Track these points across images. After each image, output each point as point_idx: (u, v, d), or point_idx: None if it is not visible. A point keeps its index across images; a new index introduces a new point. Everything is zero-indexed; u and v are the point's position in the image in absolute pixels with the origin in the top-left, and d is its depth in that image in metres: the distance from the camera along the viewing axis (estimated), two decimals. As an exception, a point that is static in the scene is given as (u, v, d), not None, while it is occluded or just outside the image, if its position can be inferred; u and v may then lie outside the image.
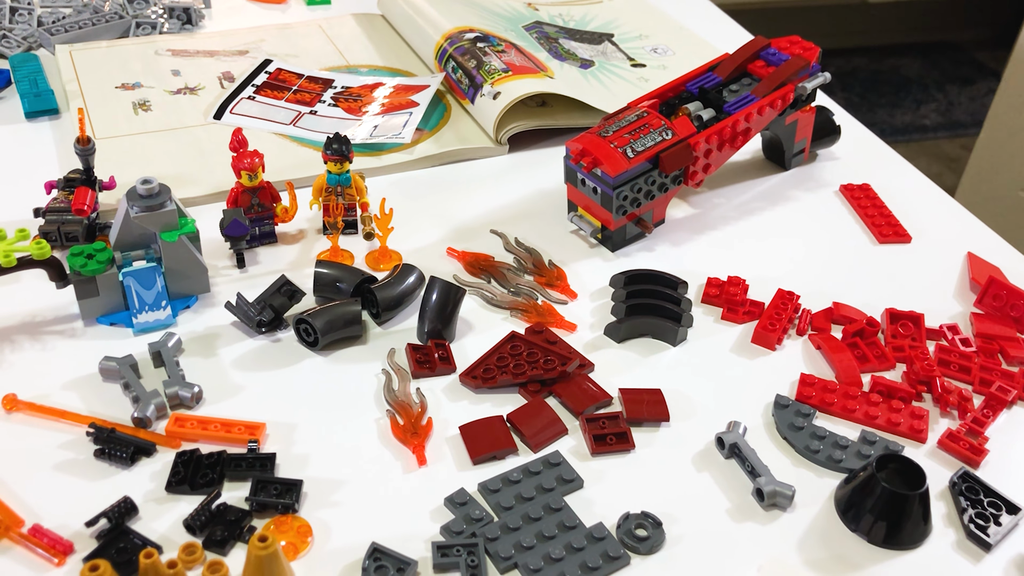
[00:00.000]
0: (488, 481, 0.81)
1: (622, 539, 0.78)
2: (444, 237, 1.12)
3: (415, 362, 0.93)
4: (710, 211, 1.18)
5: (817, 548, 0.78)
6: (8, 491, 0.79)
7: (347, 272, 1.00)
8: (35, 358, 0.92)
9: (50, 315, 0.97)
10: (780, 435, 0.88)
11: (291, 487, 0.79)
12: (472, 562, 0.75)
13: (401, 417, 0.87)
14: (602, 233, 1.10)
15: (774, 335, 0.97)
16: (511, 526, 0.78)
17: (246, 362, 0.93)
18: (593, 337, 0.98)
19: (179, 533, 0.77)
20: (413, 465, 0.84)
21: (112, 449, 0.81)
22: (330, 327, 0.94)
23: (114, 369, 0.89)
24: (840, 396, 0.91)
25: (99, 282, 0.93)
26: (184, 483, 0.79)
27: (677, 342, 0.97)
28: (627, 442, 0.86)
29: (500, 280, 1.05)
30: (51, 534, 0.75)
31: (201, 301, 1.00)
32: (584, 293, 1.04)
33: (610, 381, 0.93)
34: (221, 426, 0.84)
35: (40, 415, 0.86)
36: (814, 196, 1.22)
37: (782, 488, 0.81)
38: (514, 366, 0.92)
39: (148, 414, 0.84)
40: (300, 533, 0.76)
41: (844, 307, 1.02)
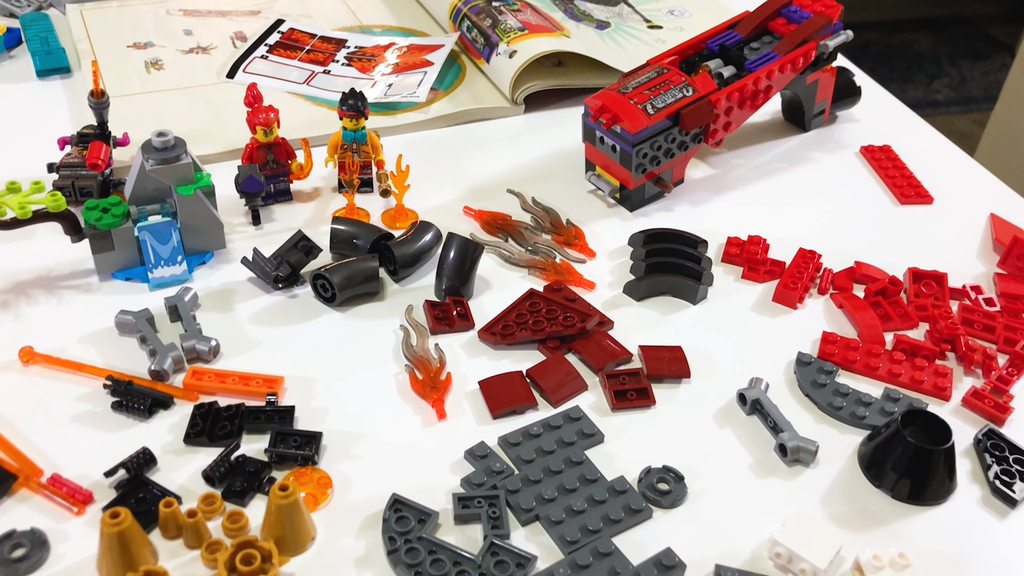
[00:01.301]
0: (508, 435, 0.81)
1: (644, 493, 0.77)
2: (460, 196, 1.10)
3: (433, 318, 0.92)
4: (729, 171, 1.17)
5: (840, 503, 0.78)
6: (26, 442, 0.78)
7: (364, 229, 0.99)
8: (51, 312, 0.91)
9: (65, 270, 0.96)
10: (802, 392, 0.87)
11: (311, 439, 0.78)
12: (493, 513, 0.74)
13: (420, 372, 0.86)
14: (620, 192, 1.08)
15: (795, 293, 0.96)
16: (532, 479, 0.77)
17: (263, 317, 0.92)
18: (612, 295, 0.97)
19: (198, 484, 0.76)
20: (433, 419, 0.83)
21: (130, 401, 0.81)
22: (348, 283, 0.93)
23: (130, 323, 0.88)
24: (863, 354, 0.90)
25: (114, 236, 0.92)
26: (202, 435, 0.79)
27: (697, 300, 0.96)
28: (647, 398, 0.85)
29: (517, 239, 1.04)
30: (70, 484, 0.74)
31: (217, 257, 0.99)
32: (602, 252, 1.03)
33: (629, 339, 0.92)
34: (239, 379, 0.84)
35: (57, 368, 0.85)
36: (834, 157, 1.21)
37: (805, 443, 0.80)
38: (533, 323, 0.92)
39: (165, 367, 0.84)
40: (320, 485, 0.76)
41: (866, 266, 1.01)
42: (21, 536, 0.70)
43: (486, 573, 0.70)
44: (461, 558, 0.70)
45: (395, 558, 0.70)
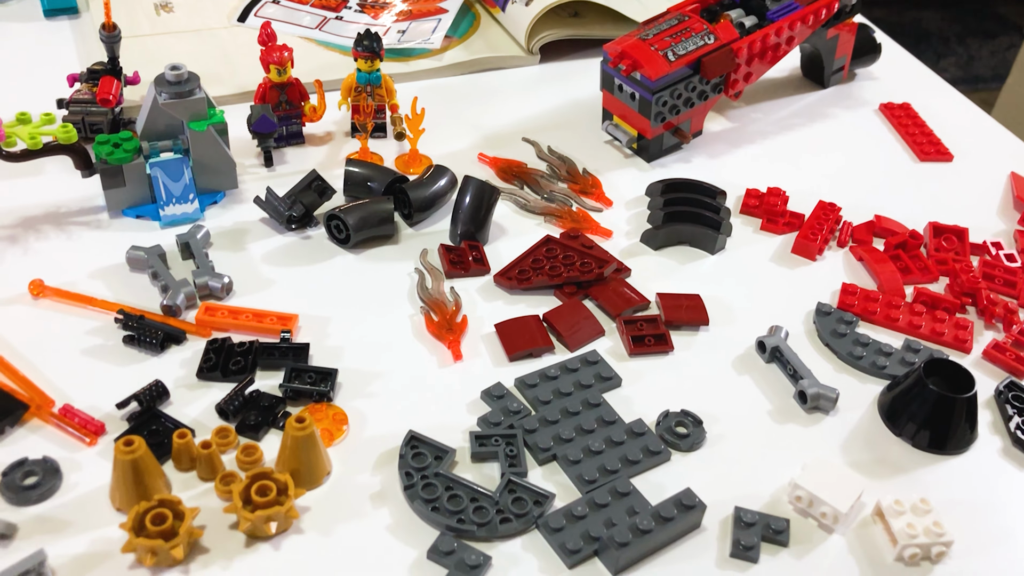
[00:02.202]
0: (525, 376, 0.80)
1: (662, 436, 0.76)
2: (474, 144, 1.09)
3: (448, 262, 0.91)
4: (748, 125, 1.15)
5: (860, 451, 0.77)
6: (37, 373, 0.77)
7: (378, 171, 0.97)
8: (60, 247, 0.90)
9: (75, 206, 0.95)
10: (822, 342, 0.86)
11: (326, 376, 0.77)
12: (511, 452, 0.73)
13: (435, 314, 0.85)
14: (638, 143, 1.07)
15: (815, 245, 0.95)
16: (549, 419, 0.76)
17: (276, 257, 0.91)
18: (629, 244, 0.96)
19: (211, 418, 0.75)
20: (448, 360, 0.82)
21: (141, 335, 0.79)
22: (363, 224, 0.91)
23: (142, 259, 0.87)
24: (883, 305, 0.89)
25: (126, 172, 0.91)
26: (215, 370, 0.78)
27: (716, 250, 0.95)
28: (666, 344, 0.84)
29: (533, 186, 1.02)
30: (82, 414, 0.73)
31: (228, 197, 0.97)
32: (619, 202, 1.02)
33: (647, 287, 0.90)
34: (253, 316, 0.82)
35: (67, 301, 0.84)
36: (853, 114, 1.19)
37: (825, 391, 0.79)
38: (550, 268, 0.90)
39: (178, 302, 0.82)
40: (336, 421, 0.75)
41: (886, 220, 0.99)
42: (33, 464, 0.69)
43: (504, 509, 0.69)
44: (478, 494, 0.70)
45: (412, 493, 0.69)
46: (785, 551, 0.69)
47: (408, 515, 0.69)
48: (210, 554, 0.66)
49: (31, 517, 0.67)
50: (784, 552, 0.69)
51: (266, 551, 0.66)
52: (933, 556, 0.68)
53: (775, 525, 0.69)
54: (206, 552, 0.66)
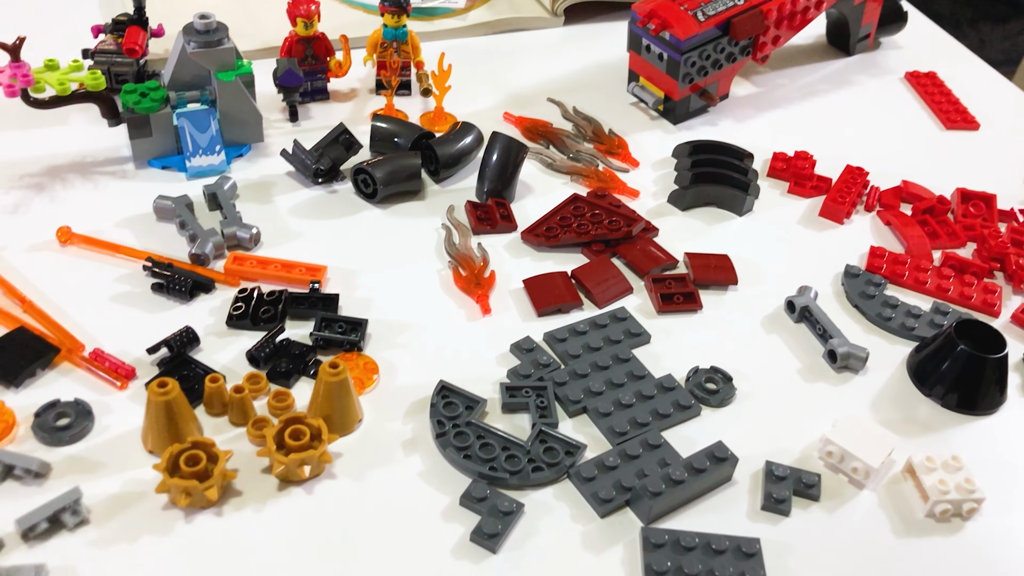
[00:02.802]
0: (555, 331, 0.80)
1: (692, 391, 0.76)
2: (499, 103, 1.08)
3: (475, 219, 0.91)
4: (773, 91, 1.15)
5: (890, 410, 0.77)
6: (66, 318, 0.77)
7: (405, 127, 0.97)
8: (87, 196, 0.89)
9: (100, 156, 0.94)
10: (851, 303, 0.86)
11: (356, 325, 0.77)
12: (541, 403, 0.73)
13: (463, 269, 0.85)
14: (664, 104, 1.06)
15: (843, 208, 0.94)
16: (579, 372, 0.76)
17: (303, 210, 0.91)
18: (656, 205, 0.96)
19: (241, 366, 0.75)
20: (477, 314, 0.82)
21: (171, 283, 0.79)
22: (391, 178, 0.91)
23: (169, 208, 0.86)
24: (911, 269, 0.89)
25: (152, 122, 0.90)
26: (245, 318, 0.77)
27: (743, 212, 0.95)
28: (694, 302, 0.84)
29: (559, 146, 1.02)
30: (112, 359, 0.73)
31: (254, 151, 0.97)
32: (645, 163, 1.01)
33: (674, 247, 0.90)
34: (282, 267, 0.82)
35: (95, 249, 0.83)
36: (879, 81, 1.18)
37: (856, 350, 0.79)
38: (577, 226, 0.90)
39: (207, 251, 0.82)
40: (367, 370, 0.75)
41: (913, 185, 0.99)
42: (65, 406, 0.69)
43: (535, 459, 0.69)
44: (510, 443, 0.69)
45: (444, 441, 0.69)
46: (816, 505, 0.69)
47: (440, 463, 0.69)
48: (243, 497, 0.66)
49: (64, 457, 0.67)
50: (815, 506, 0.69)
51: (299, 495, 0.66)
52: (964, 513, 0.68)
53: (806, 479, 0.69)
54: (239, 495, 0.66)
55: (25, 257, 0.82)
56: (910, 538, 0.67)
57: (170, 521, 0.64)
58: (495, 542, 0.64)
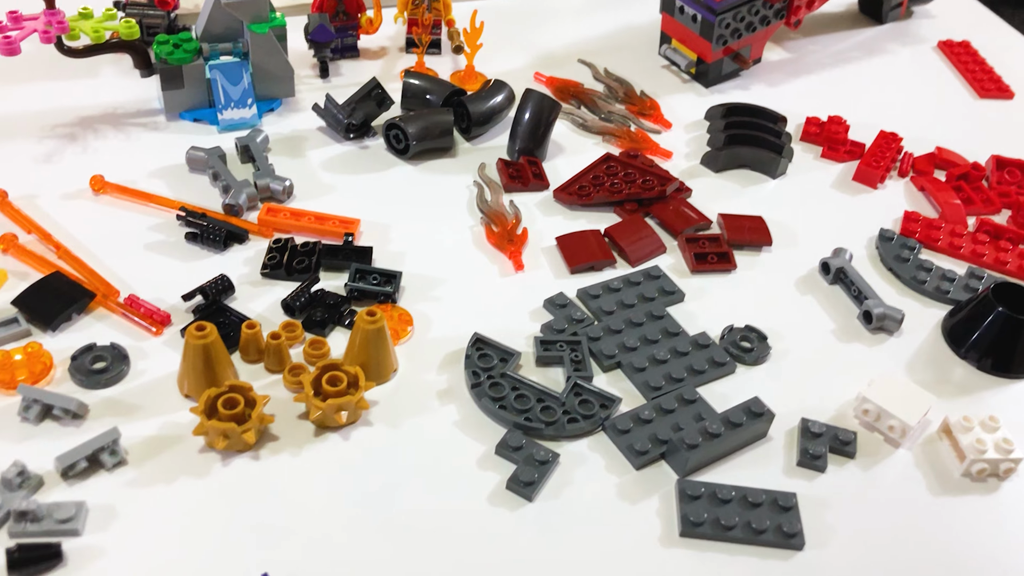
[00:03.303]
0: (588, 287, 0.79)
1: (726, 349, 0.76)
2: (530, 64, 1.07)
3: (507, 176, 0.90)
4: (805, 56, 1.14)
5: (924, 371, 0.76)
6: (101, 265, 0.77)
7: (437, 84, 0.96)
8: (119, 147, 0.89)
9: (131, 108, 0.94)
10: (885, 267, 0.85)
11: (391, 277, 0.77)
12: (575, 357, 0.73)
13: (496, 225, 0.85)
14: (696, 67, 1.05)
15: (877, 172, 0.94)
16: (613, 328, 0.76)
17: (335, 164, 0.90)
18: (689, 166, 0.95)
19: (276, 314, 0.75)
20: (509, 270, 0.81)
21: (205, 233, 0.79)
22: (423, 134, 0.90)
23: (202, 159, 0.86)
24: (945, 234, 0.88)
25: (185, 73, 0.90)
26: (279, 268, 0.77)
27: (777, 174, 0.94)
28: (728, 262, 0.83)
29: (590, 107, 1.01)
30: (147, 304, 0.73)
31: (284, 106, 0.96)
32: (678, 125, 1.00)
33: (708, 207, 0.89)
34: (315, 219, 0.82)
35: (128, 198, 0.83)
36: (911, 50, 1.17)
37: (891, 311, 0.78)
38: (611, 185, 0.89)
39: (240, 202, 0.82)
40: (401, 321, 0.74)
41: (948, 152, 0.98)
42: (101, 350, 0.69)
43: (570, 411, 0.69)
44: (545, 395, 0.69)
45: (479, 391, 0.69)
46: (852, 463, 0.69)
47: (475, 413, 0.69)
48: (279, 442, 0.66)
49: (101, 400, 0.67)
50: (851, 464, 0.68)
51: (336, 441, 0.66)
52: (1001, 472, 0.68)
53: (842, 436, 0.69)
54: (275, 440, 0.66)
55: (59, 205, 0.82)
56: (946, 496, 0.67)
57: (207, 464, 0.64)
58: (531, 490, 0.64)
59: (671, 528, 0.63)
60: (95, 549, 0.58)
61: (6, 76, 0.96)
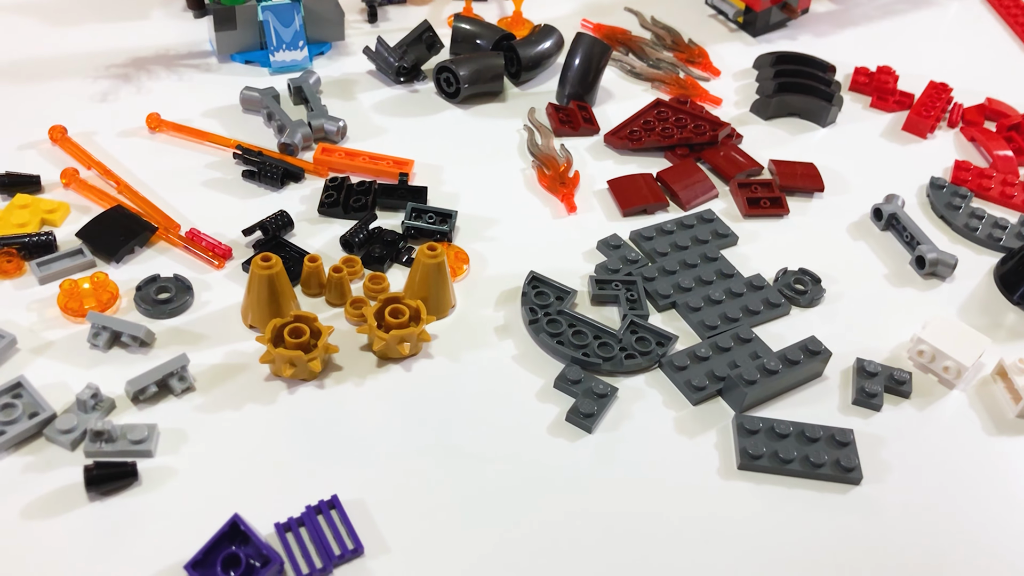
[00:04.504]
0: (642, 229, 0.80)
1: (781, 291, 0.76)
2: (576, 10, 1.07)
3: (558, 121, 0.90)
4: (853, 8, 1.13)
5: (977, 317, 0.76)
6: (161, 200, 0.78)
7: (487, 28, 0.96)
8: (172, 87, 0.90)
9: (183, 50, 0.94)
10: (936, 214, 0.85)
11: (446, 216, 0.77)
12: (631, 296, 0.73)
13: (547, 168, 0.85)
14: (744, 16, 1.05)
15: (928, 122, 0.93)
16: (668, 269, 0.76)
17: (386, 107, 0.90)
18: (739, 113, 0.95)
19: (335, 250, 0.76)
20: (562, 212, 0.82)
21: (262, 170, 0.80)
22: (475, 78, 0.90)
23: (256, 99, 0.86)
24: (997, 183, 0.88)
25: (238, 14, 0.90)
26: (336, 206, 0.78)
27: (827, 123, 0.94)
28: (781, 207, 0.84)
29: (638, 54, 1.01)
30: (209, 238, 0.74)
31: (335, 49, 0.97)
32: (726, 73, 1.00)
33: (759, 154, 0.89)
34: (369, 159, 0.82)
35: (184, 136, 0.84)
36: (960, 2, 1.16)
37: (945, 256, 0.78)
38: (662, 130, 0.89)
39: (296, 141, 0.82)
40: (458, 259, 0.75)
41: (998, 103, 0.97)
42: (165, 281, 0.70)
43: (627, 347, 0.69)
44: (602, 332, 0.70)
45: (537, 327, 0.70)
46: (907, 403, 0.69)
47: (532, 349, 0.70)
48: (343, 371, 0.67)
49: (167, 329, 0.68)
50: (906, 403, 0.69)
51: (398, 372, 0.67)
52: (1055, 414, 0.69)
53: (898, 376, 0.69)
54: (339, 370, 0.67)
55: (117, 142, 0.83)
56: (1001, 436, 0.67)
57: (273, 391, 0.65)
58: (591, 422, 0.65)
59: (729, 461, 0.64)
60: (167, 469, 0.60)
61: (58, 17, 0.97)
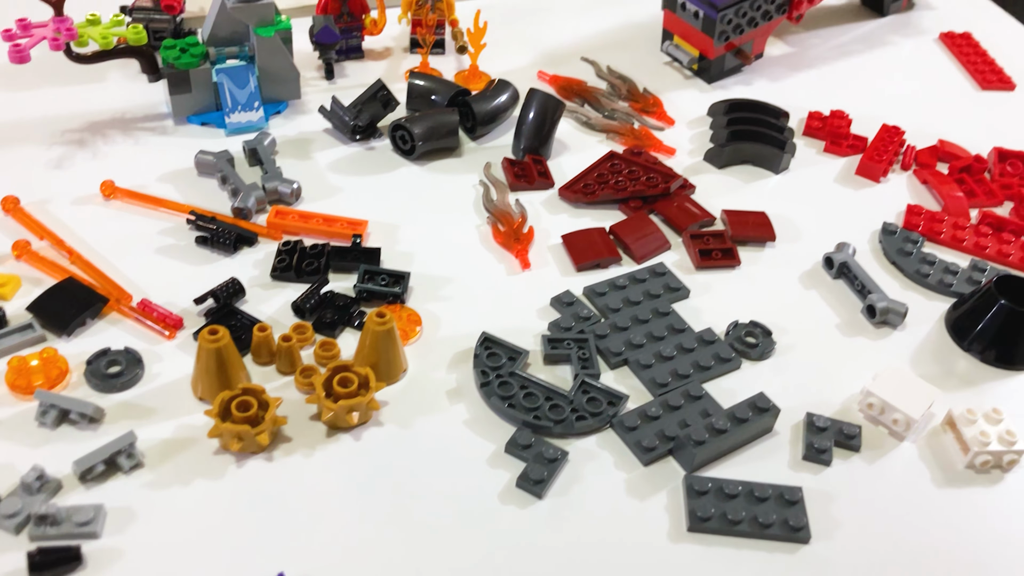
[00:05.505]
0: (594, 285, 0.80)
1: (732, 345, 0.76)
2: (533, 62, 1.08)
3: (513, 175, 0.91)
4: (807, 51, 1.14)
5: (928, 365, 0.77)
6: (113, 270, 0.78)
7: (442, 84, 0.97)
8: (128, 152, 0.90)
9: (139, 113, 0.95)
10: (888, 260, 0.86)
11: (399, 278, 0.78)
12: (583, 355, 0.74)
13: (502, 224, 0.85)
14: (699, 63, 1.06)
15: (880, 166, 0.94)
16: (620, 325, 0.76)
17: (342, 166, 0.91)
18: (692, 163, 0.96)
19: (287, 316, 0.76)
20: (516, 268, 0.82)
21: (215, 236, 0.80)
22: (429, 135, 0.91)
23: (211, 162, 0.87)
24: (948, 226, 0.89)
25: (192, 77, 0.91)
26: (289, 271, 0.78)
27: (780, 169, 0.95)
28: (733, 258, 0.84)
29: (594, 104, 1.02)
30: (160, 309, 0.74)
31: (291, 108, 0.97)
32: (680, 122, 1.01)
33: (711, 203, 0.90)
34: (323, 220, 0.83)
35: (138, 202, 0.84)
36: (913, 42, 1.18)
37: (895, 305, 0.79)
38: (615, 183, 0.90)
39: (249, 205, 0.83)
40: (410, 321, 0.75)
41: (950, 144, 0.99)
42: (116, 354, 0.70)
43: (578, 408, 0.70)
44: (553, 393, 0.70)
45: (488, 390, 0.70)
46: (857, 456, 0.69)
47: (484, 412, 0.70)
48: (292, 443, 0.67)
49: (116, 403, 0.68)
50: (856, 457, 0.69)
51: (347, 441, 0.67)
52: (1004, 464, 0.69)
53: (847, 430, 0.70)
54: (288, 441, 0.67)
55: (70, 210, 0.83)
56: (950, 488, 0.68)
57: (222, 465, 0.65)
58: (541, 488, 0.65)
59: (679, 523, 0.64)
60: (114, 551, 0.59)
61: (16, 82, 0.97)
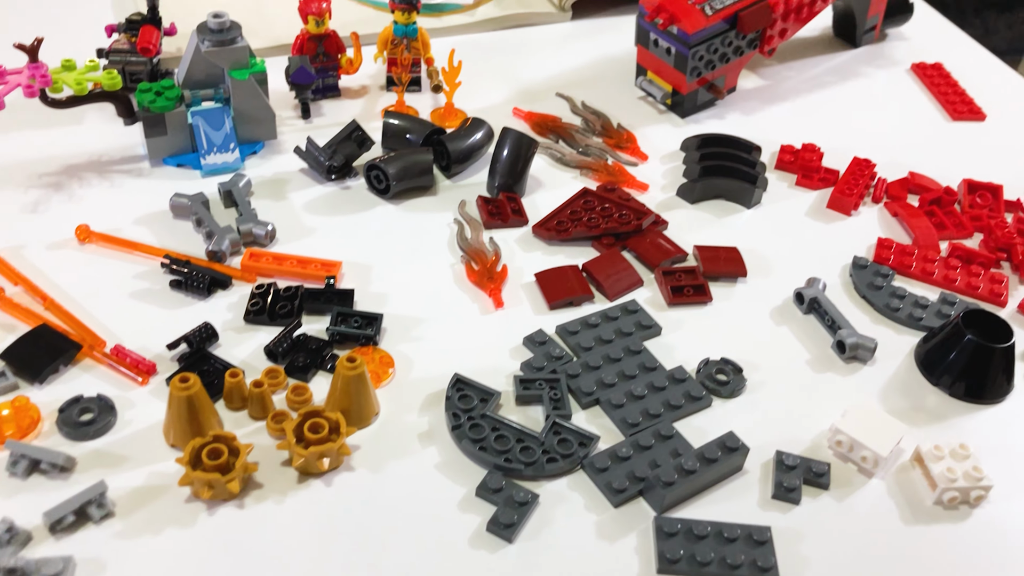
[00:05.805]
0: (567, 324, 0.81)
1: (703, 382, 0.77)
2: (508, 99, 1.09)
3: (487, 213, 0.92)
4: (780, 83, 1.15)
5: (898, 399, 0.78)
6: (87, 315, 0.78)
7: (416, 123, 0.98)
8: (103, 195, 0.91)
9: (116, 155, 0.95)
10: (859, 294, 0.87)
11: (372, 320, 0.78)
12: (555, 395, 0.74)
13: (476, 263, 0.86)
14: (672, 98, 1.07)
15: (851, 200, 0.95)
16: (592, 365, 0.77)
17: (317, 206, 0.92)
18: (665, 198, 0.97)
19: (260, 360, 0.76)
20: (490, 308, 0.83)
21: (189, 280, 0.80)
22: (403, 174, 0.92)
23: (185, 205, 0.87)
24: (918, 259, 0.90)
25: (167, 120, 0.91)
26: (262, 314, 0.79)
27: (752, 204, 0.96)
28: (704, 294, 0.85)
29: (568, 140, 1.03)
30: (133, 355, 0.74)
31: (267, 148, 0.98)
32: (654, 157, 1.02)
33: (684, 239, 0.91)
34: (297, 263, 0.83)
35: (113, 246, 0.85)
36: (885, 73, 1.19)
37: (864, 340, 0.80)
38: (588, 220, 0.91)
39: (223, 248, 0.83)
40: (382, 363, 0.76)
41: (920, 177, 1.00)
42: (88, 401, 0.70)
43: (549, 450, 0.70)
44: (524, 435, 0.71)
45: (459, 433, 0.70)
46: (826, 494, 0.70)
47: (456, 454, 0.70)
48: (263, 489, 0.67)
49: (88, 452, 0.68)
50: (825, 495, 0.70)
51: (318, 487, 0.67)
52: (972, 500, 0.70)
53: (816, 468, 0.70)
54: (260, 487, 0.67)
55: (45, 255, 0.84)
56: (918, 525, 0.68)
57: (193, 513, 0.65)
58: (511, 532, 0.65)
59: (649, 565, 0.64)
60: (84, 602, 0.60)
61: (-8, 125, 0.98)
